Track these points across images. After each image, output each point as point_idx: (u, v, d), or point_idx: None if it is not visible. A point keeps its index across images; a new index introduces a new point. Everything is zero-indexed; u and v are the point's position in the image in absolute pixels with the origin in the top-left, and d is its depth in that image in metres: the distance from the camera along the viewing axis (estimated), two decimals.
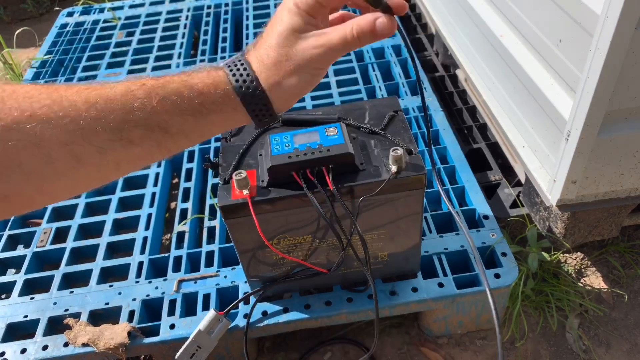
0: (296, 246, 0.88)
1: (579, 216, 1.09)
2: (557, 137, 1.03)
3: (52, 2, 2.89)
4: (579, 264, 1.26)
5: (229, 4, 2.05)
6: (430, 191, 1.19)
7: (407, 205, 0.85)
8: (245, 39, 1.83)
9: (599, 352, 1.10)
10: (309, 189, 0.77)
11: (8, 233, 1.23)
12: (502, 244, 1.06)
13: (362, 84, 1.54)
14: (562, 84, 1.02)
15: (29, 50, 2.48)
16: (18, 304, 1.06)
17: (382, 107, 0.92)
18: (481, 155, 1.42)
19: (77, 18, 2.09)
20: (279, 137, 0.80)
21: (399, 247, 0.93)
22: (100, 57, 1.84)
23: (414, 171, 0.80)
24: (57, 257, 1.16)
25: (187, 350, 0.89)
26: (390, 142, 0.84)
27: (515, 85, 1.20)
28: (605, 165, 0.99)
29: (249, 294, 0.97)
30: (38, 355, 0.96)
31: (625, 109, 0.91)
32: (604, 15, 0.79)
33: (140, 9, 2.09)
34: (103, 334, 0.96)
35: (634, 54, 0.81)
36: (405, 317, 1.15)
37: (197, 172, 1.34)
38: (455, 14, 1.58)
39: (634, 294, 1.20)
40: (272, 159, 0.77)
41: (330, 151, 0.77)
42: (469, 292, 0.99)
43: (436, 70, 1.76)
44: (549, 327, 1.14)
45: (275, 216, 0.81)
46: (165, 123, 0.47)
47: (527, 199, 1.23)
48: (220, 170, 0.84)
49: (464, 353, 1.10)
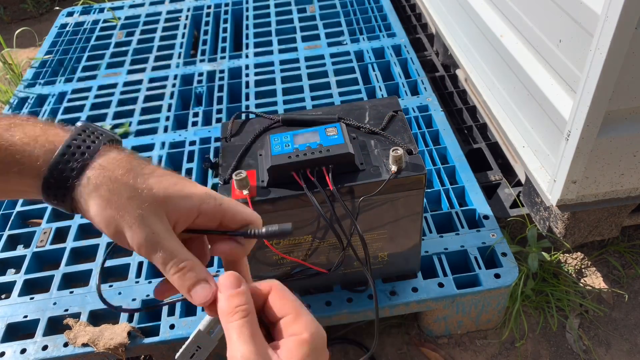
0: (296, 246, 0.88)
1: (579, 216, 1.09)
2: (557, 137, 1.03)
3: (52, 2, 2.89)
4: (579, 264, 1.26)
5: (229, 4, 2.05)
6: (430, 191, 1.19)
7: (407, 205, 0.85)
8: (245, 39, 1.83)
9: (599, 352, 1.10)
10: (309, 189, 0.77)
11: (8, 233, 1.23)
12: (502, 244, 1.06)
13: (362, 84, 1.54)
14: (562, 84, 1.02)
15: (29, 50, 2.48)
16: (18, 304, 1.06)
17: (382, 107, 0.92)
18: (481, 155, 1.42)
19: (77, 18, 2.09)
20: (279, 137, 0.80)
21: (399, 247, 0.93)
22: (100, 57, 1.84)
23: (414, 171, 0.80)
24: (57, 257, 1.16)
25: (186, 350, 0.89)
26: (390, 142, 0.84)
27: (515, 85, 1.20)
28: (605, 165, 0.99)
29: None
30: (38, 355, 0.96)
31: (625, 109, 0.91)
32: (604, 15, 0.79)
33: (140, 9, 2.09)
34: (103, 334, 0.96)
35: (634, 54, 0.81)
36: (405, 317, 1.15)
37: (197, 172, 1.34)
38: (455, 14, 1.58)
39: (634, 294, 1.20)
40: (272, 159, 0.77)
41: (330, 151, 0.77)
42: (469, 292, 0.99)
43: (436, 70, 1.76)
44: (549, 327, 1.14)
45: (275, 216, 0.81)
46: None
47: (527, 199, 1.23)
48: (220, 170, 0.84)
49: (464, 353, 1.10)
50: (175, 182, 0.43)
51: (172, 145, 1.42)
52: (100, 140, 0.43)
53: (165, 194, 0.42)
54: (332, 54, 1.68)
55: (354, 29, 1.81)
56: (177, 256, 0.42)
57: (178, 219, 0.43)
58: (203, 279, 0.43)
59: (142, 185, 0.41)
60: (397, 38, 1.73)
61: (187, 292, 0.43)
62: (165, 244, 0.41)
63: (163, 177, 0.43)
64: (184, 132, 1.46)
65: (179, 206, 0.42)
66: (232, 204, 0.45)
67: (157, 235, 0.41)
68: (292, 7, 1.96)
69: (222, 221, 0.45)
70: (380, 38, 1.74)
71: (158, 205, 0.41)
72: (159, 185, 0.42)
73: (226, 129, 0.91)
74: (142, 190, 0.41)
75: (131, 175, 0.41)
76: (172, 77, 1.68)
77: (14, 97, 1.69)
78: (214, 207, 0.44)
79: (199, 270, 0.43)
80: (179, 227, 0.43)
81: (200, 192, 0.44)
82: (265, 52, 1.75)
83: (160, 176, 0.43)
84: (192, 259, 0.43)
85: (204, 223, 0.44)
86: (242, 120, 0.93)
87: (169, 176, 0.44)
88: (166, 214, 0.42)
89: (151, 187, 0.42)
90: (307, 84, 1.57)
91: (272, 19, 1.91)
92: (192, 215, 0.43)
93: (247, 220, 0.46)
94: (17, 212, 1.28)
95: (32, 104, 1.65)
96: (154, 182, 0.42)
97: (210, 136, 1.43)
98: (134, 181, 0.41)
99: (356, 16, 1.87)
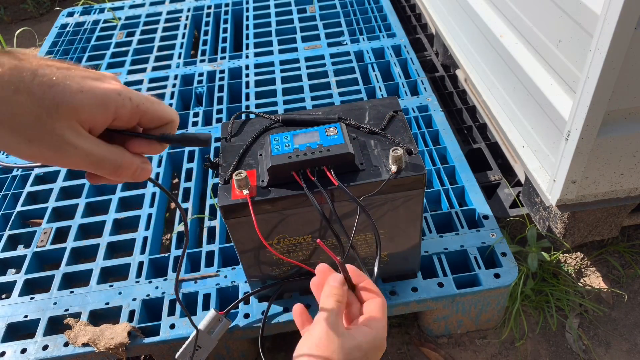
0: (296, 246, 0.88)
1: (578, 216, 1.10)
2: (557, 137, 1.03)
3: (52, 2, 2.89)
4: (578, 264, 1.26)
5: (229, 4, 2.05)
6: (430, 191, 1.19)
7: (407, 205, 0.85)
8: (245, 39, 1.83)
9: (599, 352, 1.10)
10: (309, 189, 0.77)
11: (8, 233, 1.23)
12: (501, 244, 1.06)
13: (362, 84, 1.54)
14: (562, 84, 1.02)
15: (30, 50, 2.48)
16: (18, 304, 1.06)
17: (382, 107, 0.92)
18: (481, 155, 1.42)
19: (77, 18, 2.09)
20: (279, 137, 0.80)
21: (399, 247, 0.93)
22: (100, 58, 1.84)
23: (413, 171, 0.80)
24: (57, 257, 1.16)
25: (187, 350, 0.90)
26: (390, 142, 0.84)
27: (515, 85, 1.20)
28: (605, 165, 0.99)
29: (249, 294, 0.97)
30: (38, 355, 0.96)
31: (625, 109, 0.91)
32: (604, 15, 0.79)
33: (140, 9, 2.09)
34: (103, 334, 0.96)
35: (633, 54, 0.81)
36: (405, 317, 1.15)
37: (197, 172, 1.34)
38: (455, 14, 1.58)
39: (633, 294, 1.20)
40: (272, 159, 0.77)
41: (330, 151, 0.77)
42: (468, 292, 0.99)
43: (436, 70, 1.76)
44: (548, 327, 1.15)
45: (275, 216, 0.82)
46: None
47: (526, 199, 1.23)
48: (221, 170, 0.84)
49: (464, 353, 1.11)
50: (81, 85, 0.40)
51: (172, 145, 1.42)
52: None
53: (75, 105, 0.39)
54: (332, 54, 1.69)
55: (354, 29, 1.81)
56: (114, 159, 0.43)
57: (95, 124, 0.41)
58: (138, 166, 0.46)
59: (44, 102, 0.38)
60: (397, 38, 1.73)
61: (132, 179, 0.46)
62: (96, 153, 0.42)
63: (64, 83, 0.39)
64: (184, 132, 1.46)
65: (93, 115, 0.41)
66: (149, 103, 0.45)
67: (83, 149, 0.41)
68: (292, 7, 1.96)
69: (140, 121, 0.45)
70: (380, 38, 1.74)
71: (70, 116, 0.39)
72: (64, 97, 0.39)
73: (226, 129, 0.91)
74: (49, 109, 0.38)
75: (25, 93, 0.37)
76: (172, 77, 1.68)
77: None
78: (131, 109, 0.43)
79: (135, 161, 0.45)
80: (95, 130, 0.42)
81: (114, 95, 0.42)
82: (265, 52, 1.75)
83: (60, 82, 0.39)
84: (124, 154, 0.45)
85: (121, 125, 0.44)
86: (242, 120, 0.93)
87: (70, 78, 0.40)
88: (80, 123, 0.40)
89: (57, 101, 0.38)
90: (307, 84, 1.57)
91: (272, 19, 1.91)
92: (108, 119, 0.42)
93: (165, 120, 0.47)
94: (18, 212, 1.28)
95: None
96: (57, 93, 0.38)
97: None
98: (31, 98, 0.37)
99: (356, 16, 1.88)
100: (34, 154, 0.39)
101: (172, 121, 0.48)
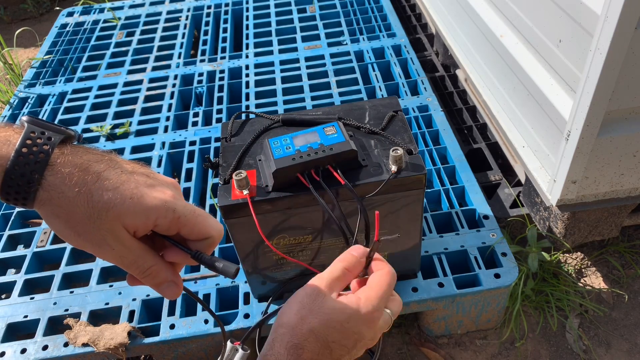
0: (296, 246, 0.88)
1: (579, 216, 1.10)
2: (557, 137, 1.03)
3: (52, 2, 2.89)
4: (579, 264, 1.26)
5: (229, 4, 2.05)
6: (430, 191, 1.19)
7: (407, 205, 0.85)
8: (245, 39, 1.83)
9: (599, 352, 1.10)
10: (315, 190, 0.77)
11: (8, 233, 1.23)
12: (502, 244, 1.06)
13: (362, 84, 1.54)
14: (562, 84, 1.02)
15: (29, 50, 2.48)
16: (18, 304, 1.06)
17: (382, 107, 0.92)
18: (481, 155, 1.42)
19: (77, 18, 2.09)
20: (278, 141, 0.80)
21: (399, 247, 0.93)
22: (100, 57, 1.84)
23: (414, 171, 0.80)
24: (57, 257, 1.16)
25: None
26: (390, 142, 0.84)
27: (515, 85, 1.20)
28: (605, 165, 0.99)
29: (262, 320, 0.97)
30: (38, 355, 0.96)
31: (625, 109, 0.91)
32: (604, 15, 0.79)
33: (140, 9, 2.09)
34: (103, 334, 0.96)
35: (634, 54, 0.81)
36: (405, 317, 1.15)
37: (197, 172, 1.34)
38: (455, 14, 1.58)
39: (634, 294, 1.20)
40: (276, 162, 0.76)
41: (333, 149, 0.76)
42: (468, 292, 0.99)
43: (436, 70, 1.76)
44: (549, 327, 1.14)
45: (275, 216, 0.81)
46: None
47: (527, 199, 1.23)
48: (220, 170, 0.84)
49: (464, 353, 1.10)
50: (133, 192, 0.43)
51: (172, 145, 1.42)
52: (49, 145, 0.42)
53: (122, 210, 0.43)
54: (332, 54, 1.68)
55: (354, 29, 1.81)
56: (142, 265, 0.46)
57: (137, 228, 0.45)
58: (165, 279, 0.48)
59: (98, 205, 0.42)
60: (397, 38, 1.73)
61: (156, 289, 0.49)
62: (129, 257, 0.45)
63: (120, 188, 0.43)
64: (184, 132, 1.46)
65: (135, 221, 0.44)
66: (192, 215, 0.47)
67: (119, 251, 0.44)
68: (292, 7, 1.96)
69: (180, 232, 0.47)
70: (380, 38, 1.74)
71: (115, 220, 0.43)
72: (114, 202, 0.42)
73: (226, 129, 0.91)
74: (100, 212, 0.42)
75: (85, 195, 0.42)
76: (172, 77, 1.68)
77: (14, 97, 1.69)
78: (171, 220, 0.45)
79: (163, 273, 0.48)
80: (138, 233, 0.45)
81: (158, 204, 0.44)
82: (265, 52, 1.75)
83: (117, 187, 0.43)
84: (155, 263, 0.47)
85: (162, 232, 0.47)
86: (242, 120, 0.93)
87: (127, 183, 0.44)
88: (124, 227, 0.44)
89: (107, 206, 0.42)
90: (307, 84, 1.57)
91: (272, 19, 1.91)
92: (148, 227, 0.45)
93: (205, 234, 0.48)
94: (18, 212, 1.28)
95: (32, 104, 1.65)
96: (110, 199, 0.42)
97: (210, 136, 1.43)
98: (89, 200, 0.42)
99: (356, 16, 1.88)
100: (79, 245, 0.44)
101: (211, 237, 0.49)
